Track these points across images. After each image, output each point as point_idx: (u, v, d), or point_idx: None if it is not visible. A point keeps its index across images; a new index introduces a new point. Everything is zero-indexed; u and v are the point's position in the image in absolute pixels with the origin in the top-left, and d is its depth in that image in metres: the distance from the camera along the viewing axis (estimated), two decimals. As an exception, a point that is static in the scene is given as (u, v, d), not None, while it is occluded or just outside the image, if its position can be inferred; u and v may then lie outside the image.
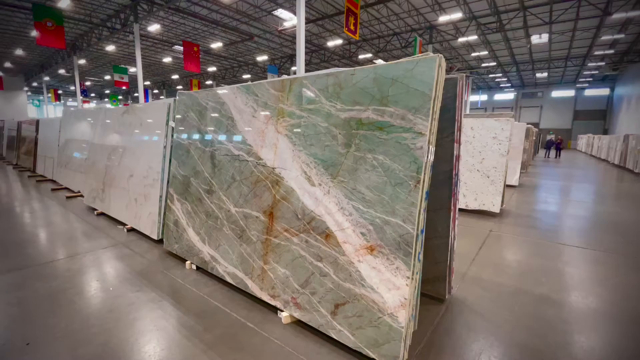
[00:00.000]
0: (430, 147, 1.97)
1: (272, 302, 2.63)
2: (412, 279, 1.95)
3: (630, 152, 14.30)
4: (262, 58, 28.97)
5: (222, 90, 3.28)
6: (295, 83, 2.60)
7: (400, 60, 2.06)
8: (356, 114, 2.22)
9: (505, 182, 6.31)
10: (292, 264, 2.54)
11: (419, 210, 1.94)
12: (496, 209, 6.07)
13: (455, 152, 2.57)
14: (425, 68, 1.94)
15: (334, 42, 22.90)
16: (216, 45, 24.59)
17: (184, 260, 3.73)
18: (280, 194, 2.65)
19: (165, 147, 4.31)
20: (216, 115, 3.34)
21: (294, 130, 2.58)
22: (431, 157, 2.02)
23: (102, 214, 5.95)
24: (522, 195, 8.37)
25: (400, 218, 1.99)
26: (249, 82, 3.03)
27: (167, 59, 30.31)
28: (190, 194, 3.61)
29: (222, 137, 3.25)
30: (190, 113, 3.72)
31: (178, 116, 3.92)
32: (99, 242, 4.48)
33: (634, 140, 13.97)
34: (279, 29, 20.82)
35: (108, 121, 6.06)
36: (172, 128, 4.09)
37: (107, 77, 40.00)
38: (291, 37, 23.68)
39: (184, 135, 3.79)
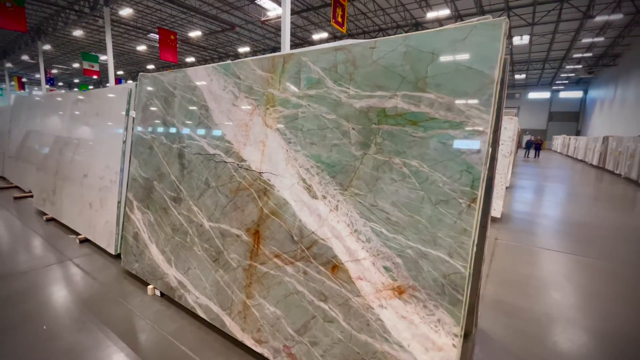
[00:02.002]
0: (490, 150, 1.39)
1: (258, 349, 2.00)
2: (461, 336, 1.37)
3: (610, 153, 14.55)
4: (244, 50, 27.81)
5: (194, 71, 2.58)
6: (290, 61, 1.96)
7: (446, 26, 1.46)
8: (377, 102, 1.61)
9: (504, 184, 5.94)
10: (284, 301, 1.91)
11: (473, 240, 1.36)
12: (497, 213, 5.67)
13: (495, 156, 2.02)
14: (485, 37, 1.35)
15: (319, 36, 22.19)
16: (195, 34, 23.28)
17: (145, 284, 3.01)
18: (269, 207, 2.01)
19: (125, 141, 3.55)
20: (186, 103, 2.63)
21: (289, 123, 1.94)
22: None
23: (53, 219, 5.06)
24: (517, 197, 8.09)
25: (444, 250, 1.40)
26: (228, 61, 2.36)
27: (142, 47, 28.56)
28: (153, 201, 2.89)
29: (193, 131, 2.56)
30: (154, 100, 2.99)
31: (140, 104, 3.17)
32: (42, 258, 3.67)
33: (614, 142, 14.20)
34: (262, 19, 19.87)
35: (61, 110, 5.16)
36: (134, 119, 3.33)
37: (77, 65, 37.43)
38: (275, 28, 22.76)
39: (147, 128, 3.05)
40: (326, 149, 1.77)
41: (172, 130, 2.76)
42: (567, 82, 36.52)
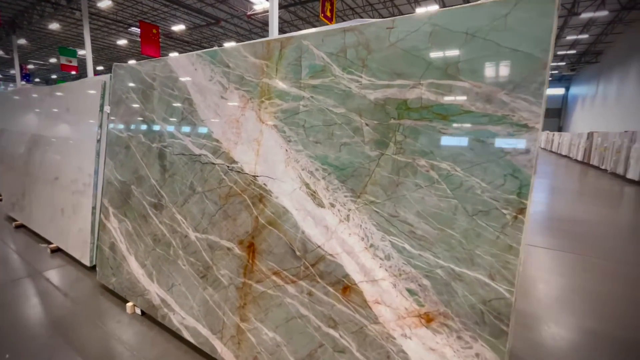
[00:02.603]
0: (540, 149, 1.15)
1: (255, 381, 1.72)
2: (506, 375, 1.13)
3: (595, 149, 14.80)
4: (229, 45, 27.12)
5: (175, 60, 2.26)
6: (289, 46, 1.67)
7: (482, 1, 1.21)
8: (397, 92, 1.34)
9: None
10: (286, 325, 1.64)
11: (521, 260, 1.12)
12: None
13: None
14: (534, 13, 1.10)
15: (307, 31, 21.78)
16: (178, 28, 22.50)
17: (124, 301, 2.68)
18: (265, 217, 1.73)
19: (99, 140, 3.18)
20: (167, 96, 2.31)
21: (288, 119, 1.66)
22: (532, 166, 1.20)
23: (22, 226, 4.63)
24: (510, 194, 8.01)
25: (484, 271, 1.16)
26: (216, 47, 2.05)
27: (123, 42, 27.49)
28: (131, 208, 2.56)
29: (175, 129, 2.24)
30: (130, 94, 2.64)
31: (115, 98, 2.82)
32: (8, 271, 3.28)
33: (599, 138, 14.44)
34: (249, 13, 19.34)
35: (29, 106, 4.70)
36: (109, 115, 2.97)
37: (54, 61, 35.79)
38: (261, 22, 22.23)
39: (123, 125, 2.71)
40: (334, 149, 1.50)
41: (152, 127, 2.43)
42: (550, 79, 37.29)
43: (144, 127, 2.50)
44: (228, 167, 1.91)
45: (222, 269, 1.92)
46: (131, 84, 2.63)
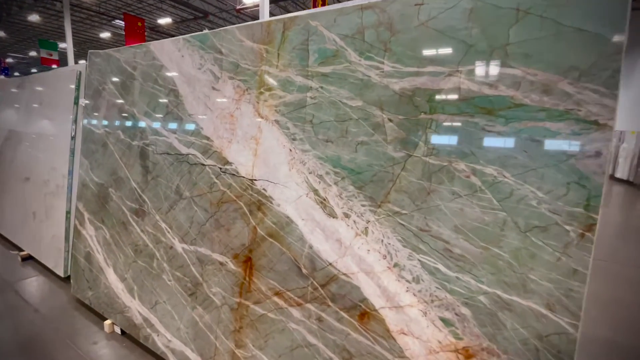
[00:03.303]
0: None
1: (252, 417, 1.48)
2: None
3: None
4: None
5: (159, 46, 1.98)
6: (293, 27, 1.42)
7: (538, -33, 0.99)
8: (429, 81, 1.12)
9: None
10: (290, 355, 1.41)
11: (587, 287, 0.91)
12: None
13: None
14: (607, -20, 0.89)
15: (314, 10, 21.43)
16: (164, 21, 21.82)
17: (102, 318, 2.39)
18: (265, 227, 1.48)
19: (74, 137, 2.86)
20: (149, 87, 2.03)
21: (293, 113, 1.41)
22: (595, 172, 0.99)
23: (-9, 230, 4.23)
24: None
25: (540, 299, 0.95)
26: (206, 30, 1.79)
27: (106, 35, 26.54)
28: (109, 213, 2.27)
29: (159, 124, 1.97)
30: (108, 85, 2.34)
31: (91, 90, 2.51)
32: (-33, 283, 2.93)
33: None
34: (238, 7, 18.87)
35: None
36: (85, 108, 2.66)
37: (34, 54, 34.36)
38: (251, 17, 21.76)
39: (99, 120, 2.41)
40: (349, 149, 1.26)
41: (132, 122, 2.14)
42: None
43: (123, 122, 2.21)
44: (220, 169, 1.65)
45: (214, 286, 1.66)
46: (109, 74, 2.33)
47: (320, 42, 1.34)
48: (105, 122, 2.35)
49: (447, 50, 1.09)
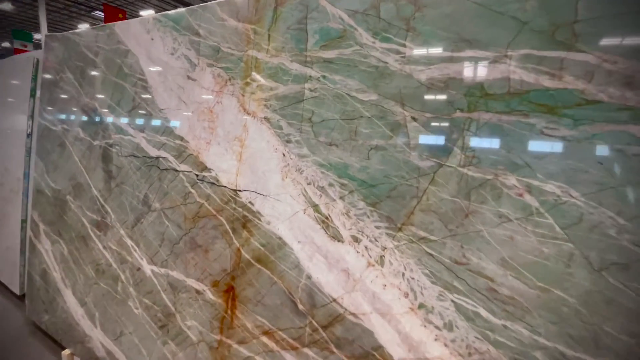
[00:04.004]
0: None
1: None
2: None
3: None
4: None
5: (125, 28, 1.66)
6: (288, 2, 1.14)
7: None
8: (466, 69, 0.86)
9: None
10: (282, 410, 1.13)
11: (692, 349, 0.67)
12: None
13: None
14: None
15: None
16: (147, 13, 20.99)
17: (60, 346, 2.05)
18: (251, 250, 1.20)
19: (30, 135, 2.49)
20: (113, 76, 1.70)
21: (287, 109, 1.13)
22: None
23: (-59, 238, 3.76)
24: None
25: (617, 359, 0.71)
26: (180, 8, 1.48)
27: (85, 26, 25.42)
28: (67, 225, 1.93)
29: (124, 121, 1.65)
30: (66, 74, 2.00)
31: (47, 80, 2.16)
32: None
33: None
34: None
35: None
36: (40, 101, 2.29)
37: (7, 45, 32.63)
38: None
39: (56, 116, 2.06)
40: (359, 155, 1.00)
41: (93, 118, 1.81)
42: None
43: (83, 118, 1.87)
44: (197, 176, 1.36)
45: (189, 318, 1.37)
46: (67, 61, 1.98)
47: (322, 19, 1.07)
48: (62, 118, 2.00)
49: (491, 29, 0.83)
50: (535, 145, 0.79)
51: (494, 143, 0.83)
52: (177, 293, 1.40)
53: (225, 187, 1.28)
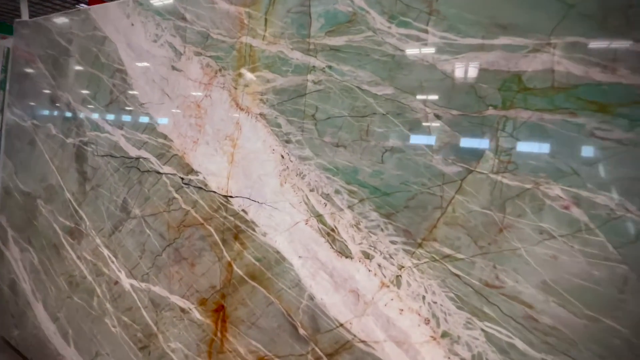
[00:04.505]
0: None
1: None
2: None
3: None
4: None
5: (102, 12, 1.48)
6: (287, -19, 1.00)
7: None
8: (501, 59, 0.73)
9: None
10: None
11: None
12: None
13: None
14: None
15: None
16: None
17: (29, 363, 1.86)
18: (244, 265, 1.06)
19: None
20: (89, 66, 1.53)
21: (287, 104, 0.99)
22: None
23: None
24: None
25: (695, 411, 0.59)
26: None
27: (69, 20, 24.60)
28: (37, 232, 1.75)
29: (101, 117, 1.48)
30: (38, 64, 1.80)
31: (16, 70, 1.95)
32: None
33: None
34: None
35: None
36: (9, 94, 2.09)
37: (-17, 37, 31.34)
38: None
39: (25, 110, 1.86)
40: (371, 158, 0.86)
41: (66, 113, 1.63)
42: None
43: (55, 113, 1.69)
44: (182, 179, 1.20)
45: (173, 339, 1.21)
46: (38, 49, 1.79)
47: (328, 1, 0.93)
48: (32, 112, 1.81)
49: (532, 13, 0.71)
50: (585, 150, 0.67)
51: (534, 146, 0.70)
52: (160, 311, 1.25)
53: (214, 192, 1.13)
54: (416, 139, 0.81)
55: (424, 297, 0.80)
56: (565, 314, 0.68)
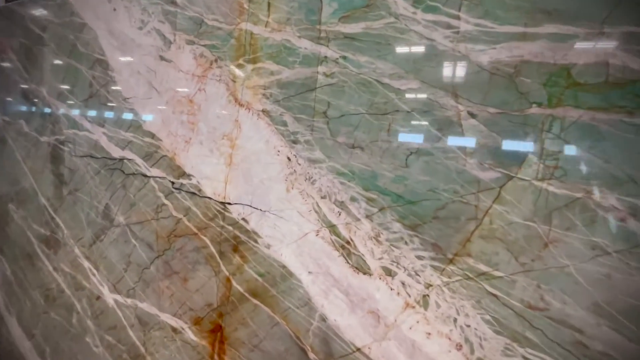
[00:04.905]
0: None
1: None
2: None
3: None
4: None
5: (80, -4, 1.33)
6: (293, -39, 0.88)
7: None
8: (545, 50, 0.64)
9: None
10: None
11: None
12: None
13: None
14: None
15: None
16: None
17: (1, 384, 1.70)
18: (245, 280, 0.94)
19: (-35, 128, 2.07)
20: (66, 56, 1.37)
21: (294, 100, 0.88)
22: None
23: None
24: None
25: None
26: (151, -29, 1.19)
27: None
28: (9, 240, 1.58)
29: (79, 113, 1.33)
30: (9, 54, 1.63)
31: (-17, 61, 1.76)
32: None
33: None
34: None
35: None
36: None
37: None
38: None
39: (-5, 105, 1.68)
40: (393, 161, 0.76)
41: (40, 109, 1.47)
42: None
43: (28, 108, 1.52)
44: (173, 183, 1.08)
45: (164, 362, 1.09)
46: (10, 38, 1.62)
47: (342, -17, 0.82)
48: (3, 108, 1.63)
49: (582, -4, 0.62)
50: (646, 154, 0.58)
51: (585, 149, 0.62)
52: (149, 330, 1.12)
53: (209, 198, 1.01)
54: (447, 140, 0.71)
55: (455, 320, 0.70)
56: (619, 339, 0.60)
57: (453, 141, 0.70)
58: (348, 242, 0.81)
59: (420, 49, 0.73)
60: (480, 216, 0.68)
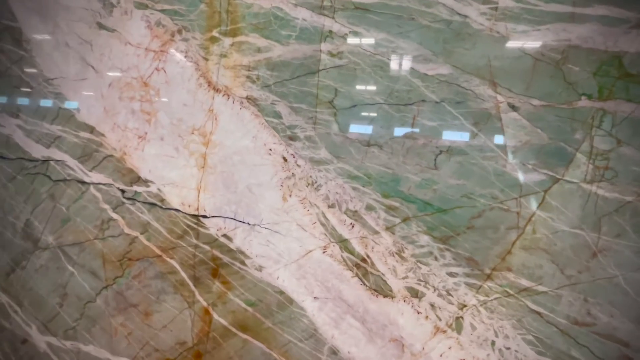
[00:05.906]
0: None
1: None
2: None
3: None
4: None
5: None
6: None
7: None
8: (595, 34, 0.56)
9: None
10: None
11: None
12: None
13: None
14: None
15: None
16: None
17: None
18: (229, 311, 0.76)
19: None
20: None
21: (289, 84, 0.70)
22: None
23: None
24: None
25: None
26: None
27: None
28: None
29: (-22, 97, 0.98)
30: None
31: None
32: None
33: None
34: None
35: None
36: None
37: None
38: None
39: None
40: (419, 161, 0.64)
41: None
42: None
43: None
44: (124, 192, 0.83)
45: (121, 417, 0.86)
46: None
47: (349, -60, 0.66)
48: None
49: (635, -27, 0.55)
50: (699, 152, 0.54)
51: (637, 148, 0.56)
52: (97, 379, 0.87)
53: (177, 210, 0.79)
54: (483, 138, 0.60)
55: (493, 343, 0.62)
56: (667, 352, 0.56)
57: (490, 138, 0.60)
58: (364, 260, 0.67)
59: (450, 27, 0.61)
60: (523, 224, 0.59)
